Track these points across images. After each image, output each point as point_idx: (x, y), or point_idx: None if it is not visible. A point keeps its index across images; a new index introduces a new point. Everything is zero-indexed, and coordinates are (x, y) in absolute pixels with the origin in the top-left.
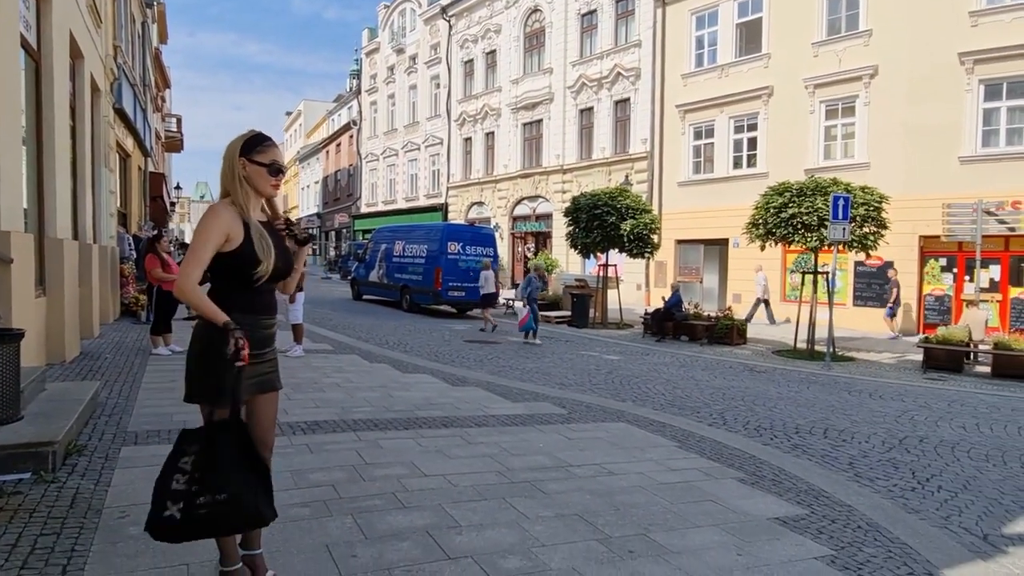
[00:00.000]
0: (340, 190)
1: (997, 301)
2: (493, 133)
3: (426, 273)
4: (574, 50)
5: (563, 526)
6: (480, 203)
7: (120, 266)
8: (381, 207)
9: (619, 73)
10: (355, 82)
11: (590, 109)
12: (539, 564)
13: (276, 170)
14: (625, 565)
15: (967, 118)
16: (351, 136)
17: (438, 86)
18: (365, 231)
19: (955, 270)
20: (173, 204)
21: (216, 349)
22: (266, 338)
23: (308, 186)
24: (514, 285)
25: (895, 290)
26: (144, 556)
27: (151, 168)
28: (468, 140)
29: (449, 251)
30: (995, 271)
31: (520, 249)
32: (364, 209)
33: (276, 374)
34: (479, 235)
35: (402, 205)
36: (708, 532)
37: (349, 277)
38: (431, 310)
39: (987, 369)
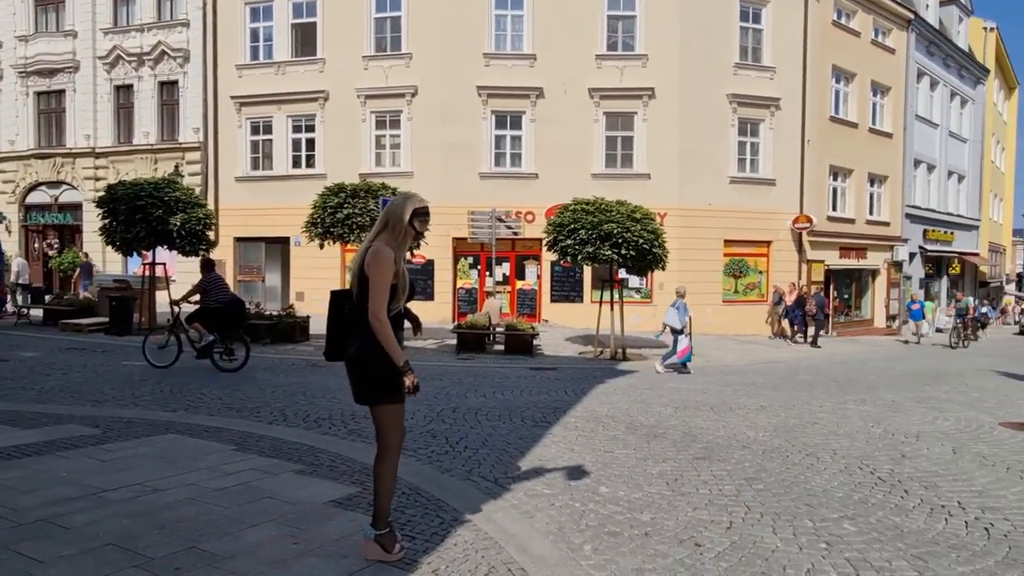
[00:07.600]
0: None
1: (508, 292)
2: None
3: None
4: (106, 15)
5: (92, 560)
6: None
7: None
8: None
9: (164, 52)
10: None
11: (129, 87)
12: None
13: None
14: None
15: (484, 141)
16: None
17: None
18: None
19: (479, 267)
20: None
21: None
22: None
23: None
24: (31, 289)
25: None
26: None
27: None
28: None
29: None
30: (507, 268)
31: (38, 245)
32: None
33: None
34: None
35: None
36: (264, 528)
37: None
38: None
39: (502, 347)
